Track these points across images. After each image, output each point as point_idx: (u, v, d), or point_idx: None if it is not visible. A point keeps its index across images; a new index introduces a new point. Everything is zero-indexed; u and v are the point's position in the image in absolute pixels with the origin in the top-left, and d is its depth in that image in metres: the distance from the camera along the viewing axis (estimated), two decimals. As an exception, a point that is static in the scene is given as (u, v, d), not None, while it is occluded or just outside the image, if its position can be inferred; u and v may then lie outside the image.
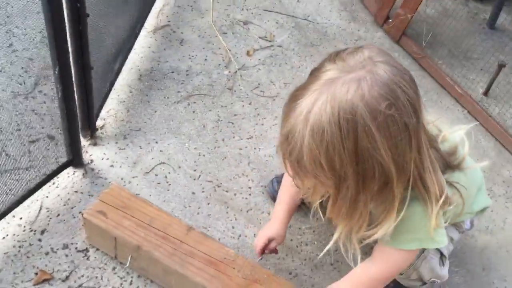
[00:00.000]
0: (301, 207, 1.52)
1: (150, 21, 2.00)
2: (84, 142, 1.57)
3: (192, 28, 2.03)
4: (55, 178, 1.49)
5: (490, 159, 1.91)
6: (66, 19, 1.12)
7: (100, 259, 1.38)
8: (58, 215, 1.43)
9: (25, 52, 1.74)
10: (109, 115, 1.68)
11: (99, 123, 1.63)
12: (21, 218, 1.41)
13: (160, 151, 1.64)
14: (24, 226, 1.39)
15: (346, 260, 1.13)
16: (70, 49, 1.23)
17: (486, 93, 2.12)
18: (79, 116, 1.43)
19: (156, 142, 1.65)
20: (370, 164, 0.91)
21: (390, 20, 2.26)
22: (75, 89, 1.32)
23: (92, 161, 1.56)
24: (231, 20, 2.12)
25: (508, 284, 1.60)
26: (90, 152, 1.58)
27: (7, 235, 1.37)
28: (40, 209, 1.43)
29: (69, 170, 1.52)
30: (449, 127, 1.16)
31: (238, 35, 2.06)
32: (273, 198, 1.52)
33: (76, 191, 1.49)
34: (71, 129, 1.40)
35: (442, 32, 2.34)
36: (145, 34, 1.95)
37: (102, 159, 1.57)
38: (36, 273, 1.32)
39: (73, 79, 1.29)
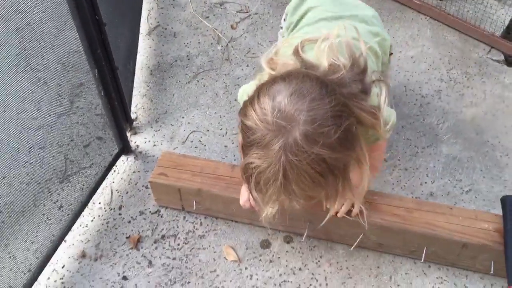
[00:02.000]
0: None
1: (143, 26, 2.31)
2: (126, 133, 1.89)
3: (179, 21, 2.34)
4: (114, 167, 1.81)
5: (458, 49, 2.21)
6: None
7: (171, 214, 1.70)
8: (127, 192, 1.76)
9: (53, 81, 2.06)
10: (137, 108, 2.00)
11: (132, 116, 1.95)
12: (100, 203, 1.73)
13: (188, 123, 1.95)
14: (104, 208, 1.72)
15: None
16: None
17: (441, -3, 2.42)
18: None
19: (183, 117, 1.97)
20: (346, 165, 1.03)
21: (342, -37, 2.55)
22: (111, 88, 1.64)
23: (138, 146, 1.88)
24: (209, 5, 2.42)
25: (501, 140, 1.90)
26: (134, 140, 1.90)
27: (94, 218, 1.70)
28: (112, 192, 1.76)
29: (123, 158, 1.85)
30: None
31: (219, 15, 2.37)
32: None
33: (134, 172, 1.81)
34: (117, 123, 1.72)
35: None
36: (143, 38, 2.27)
37: (145, 142, 1.89)
38: (127, 237, 1.64)
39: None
